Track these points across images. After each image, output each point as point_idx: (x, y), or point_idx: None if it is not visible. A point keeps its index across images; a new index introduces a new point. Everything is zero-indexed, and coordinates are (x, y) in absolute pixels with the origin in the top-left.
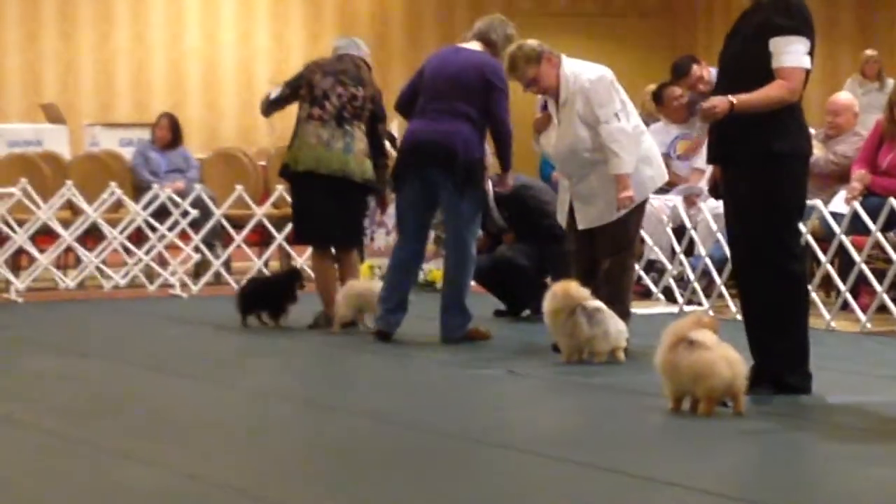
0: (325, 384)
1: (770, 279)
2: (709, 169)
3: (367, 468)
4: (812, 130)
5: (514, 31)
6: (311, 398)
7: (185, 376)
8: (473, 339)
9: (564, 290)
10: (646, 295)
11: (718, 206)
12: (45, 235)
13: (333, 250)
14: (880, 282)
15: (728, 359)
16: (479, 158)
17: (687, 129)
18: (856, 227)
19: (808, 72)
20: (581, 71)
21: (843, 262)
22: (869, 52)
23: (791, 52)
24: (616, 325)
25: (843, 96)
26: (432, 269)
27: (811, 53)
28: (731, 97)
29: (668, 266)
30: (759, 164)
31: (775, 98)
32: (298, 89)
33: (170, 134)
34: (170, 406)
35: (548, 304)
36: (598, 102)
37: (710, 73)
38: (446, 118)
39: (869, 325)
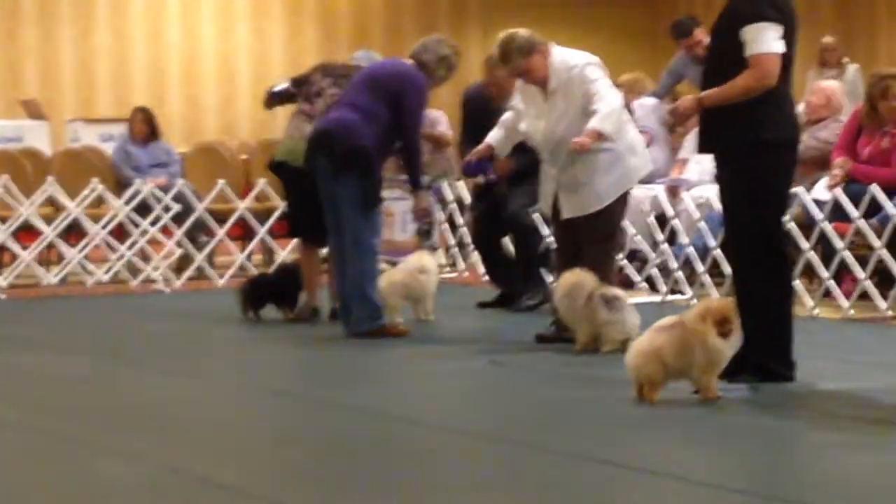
0: (308, 377)
1: (753, 267)
2: (696, 158)
3: (350, 460)
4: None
5: (451, 52)
6: (294, 391)
7: (169, 371)
8: (386, 334)
9: (578, 275)
10: (628, 284)
11: (700, 195)
12: (27, 232)
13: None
14: (863, 268)
15: (640, 350)
16: (361, 146)
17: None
18: (838, 214)
19: (784, 56)
20: (570, 57)
21: (826, 250)
22: (827, 39)
23: (758, 40)
24: (633, 317)
25: (826, 83)
26: None
27: (789, 37)
28: (699, 94)
29: (651, 255)
30: (743, 153)
31: (742, 88)
32: (300, 86)
33: (147, 127)
34: (154, 401)
35: (562, 289)
36: (592, 79)
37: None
38: (341, 109)
39: (852, 312)
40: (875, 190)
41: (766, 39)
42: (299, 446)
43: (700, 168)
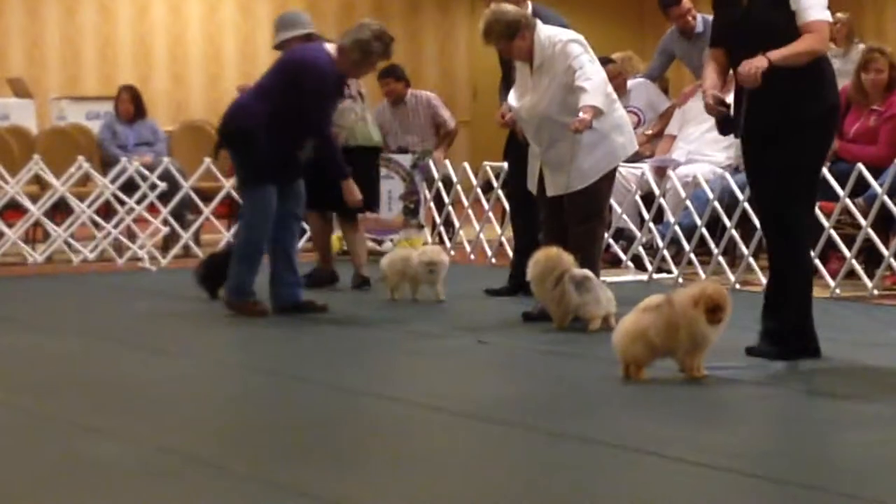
0: (294, 356)
1: (793, 241)
2: (682, 136)
3: (336, 439)
4: None
5: (370, 36)
6: (280, 370)
7: (155, 350)
8: (244, 312)
9: (548, 256)
10: (615, 263)
11: (688, 173)
12: (12, 210)
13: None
14: (849, 248)
15: (626, 330)
16: (239, 126)
17: (624, 102)
18: (824, 193)
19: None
20: (554, 34)
21: (812, 229)
22: (839, 14)
23: (815, 6)
24: (605, 292)
25: None
26: (401, 239)
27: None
28: (766, 55)
29: (637, 234)
30: (803, 127)
31: (808, 50)
32: None
33: (132, 106)
34: (139, 380)
35: (532, 270)
36: (574, 55)
37: (696, 15)
38: (245, 93)
39: (838, 291)
40: (861, 169)
41: (821, 5)
42: (285, 424)
43: (687, 147)
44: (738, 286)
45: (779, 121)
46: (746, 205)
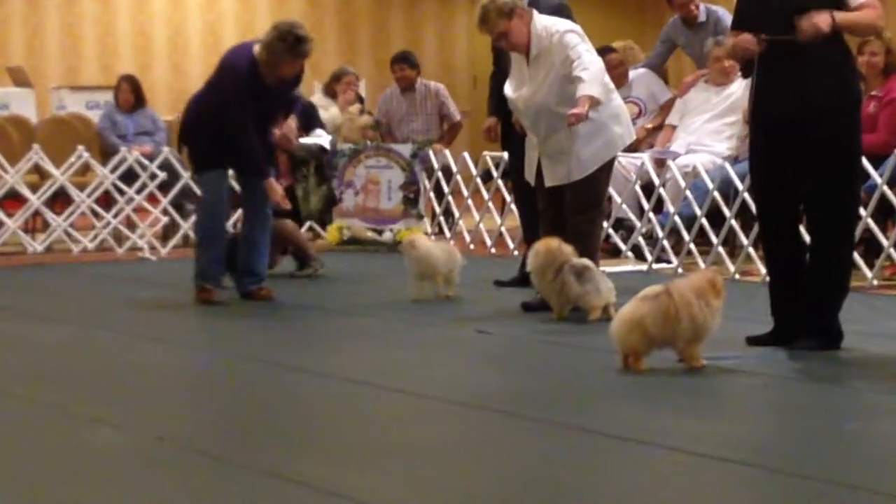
0: (293, 346)
1: (839, 233)
2: (682, 126)
3: (335, 429)
4: None
5: (274, 36)
6: (279, 360)
7: (154, 339)
8: (201, 300)
9: (548, 248)
10: (614, 253)
11: (687, 163)
12: (12, 199)
13: None
14: None
15: (624, 320)
16: (185, 121)
17: (626, 93)
18: None
19: None
20: (552, 23)
21: None
22: None
23: None
24: (605, 282)
25: None
26: (401, 229)
27: None
28: (832, 13)
29: (637, 224)
30: (842, 113)
31: (870, 23)
32: None
33: (132, 96)
34: (138, 369)
35: (532, 262)
36: (572, 45)
37: (699, 5)
38: None
39: None
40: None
41: None
42: (283, 414)
43: (687, 137)
44: (737, 276)
45: (795, 110)
46: (746, 195)
